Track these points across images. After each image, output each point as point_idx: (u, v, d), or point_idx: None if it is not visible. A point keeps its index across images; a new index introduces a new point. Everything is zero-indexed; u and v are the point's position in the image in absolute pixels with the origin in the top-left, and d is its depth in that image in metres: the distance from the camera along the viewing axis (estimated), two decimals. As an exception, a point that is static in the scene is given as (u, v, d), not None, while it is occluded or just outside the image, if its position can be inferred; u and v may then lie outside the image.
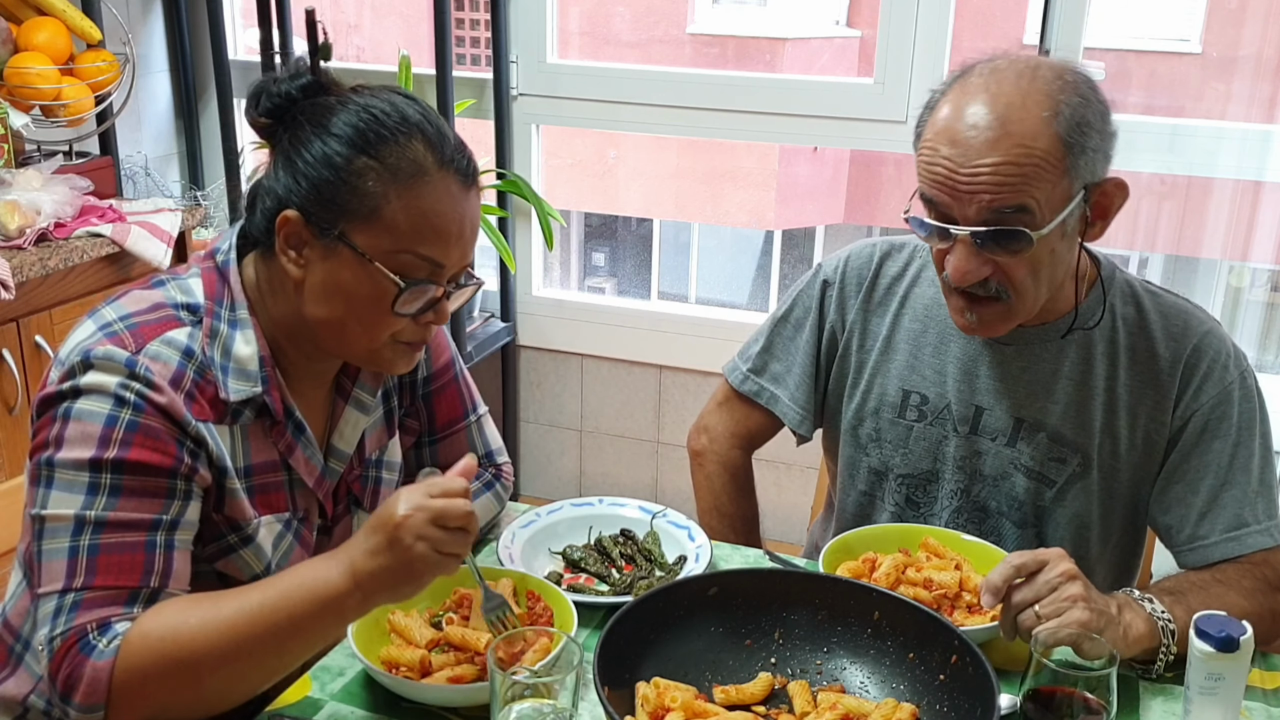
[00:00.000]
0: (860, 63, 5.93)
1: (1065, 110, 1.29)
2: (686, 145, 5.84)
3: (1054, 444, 1.48)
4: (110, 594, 1.10)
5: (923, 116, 1.38)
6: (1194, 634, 1.16)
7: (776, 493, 3.02)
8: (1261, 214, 2.82)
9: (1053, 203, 1.31)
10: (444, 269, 1.19)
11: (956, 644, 1.15)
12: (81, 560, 1.10)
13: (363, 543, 1.08)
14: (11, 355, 2.25)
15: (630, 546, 1.51)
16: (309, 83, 1.21)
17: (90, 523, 1.11)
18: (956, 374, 1.52)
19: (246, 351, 1.21)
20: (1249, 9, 2.94)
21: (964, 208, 1.31)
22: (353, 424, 1.35)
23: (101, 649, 1.07)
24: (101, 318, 1.19)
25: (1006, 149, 1.28)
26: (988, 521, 1.54)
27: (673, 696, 1.12)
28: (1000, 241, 1.31)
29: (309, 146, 1.17)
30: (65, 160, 2.70)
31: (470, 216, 1.21)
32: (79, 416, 1.12)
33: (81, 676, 1.07)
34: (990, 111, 1.29)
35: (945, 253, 1.36)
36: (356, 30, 5.01)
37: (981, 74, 1.34)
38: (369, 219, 1.16)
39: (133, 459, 1.12)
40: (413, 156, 1.16)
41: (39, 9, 2.62)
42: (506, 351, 3.19)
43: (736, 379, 1.70)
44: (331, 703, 1.20)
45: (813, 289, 1.64)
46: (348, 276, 1.18)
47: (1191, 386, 1.43)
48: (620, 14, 5.71)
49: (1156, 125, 2.66)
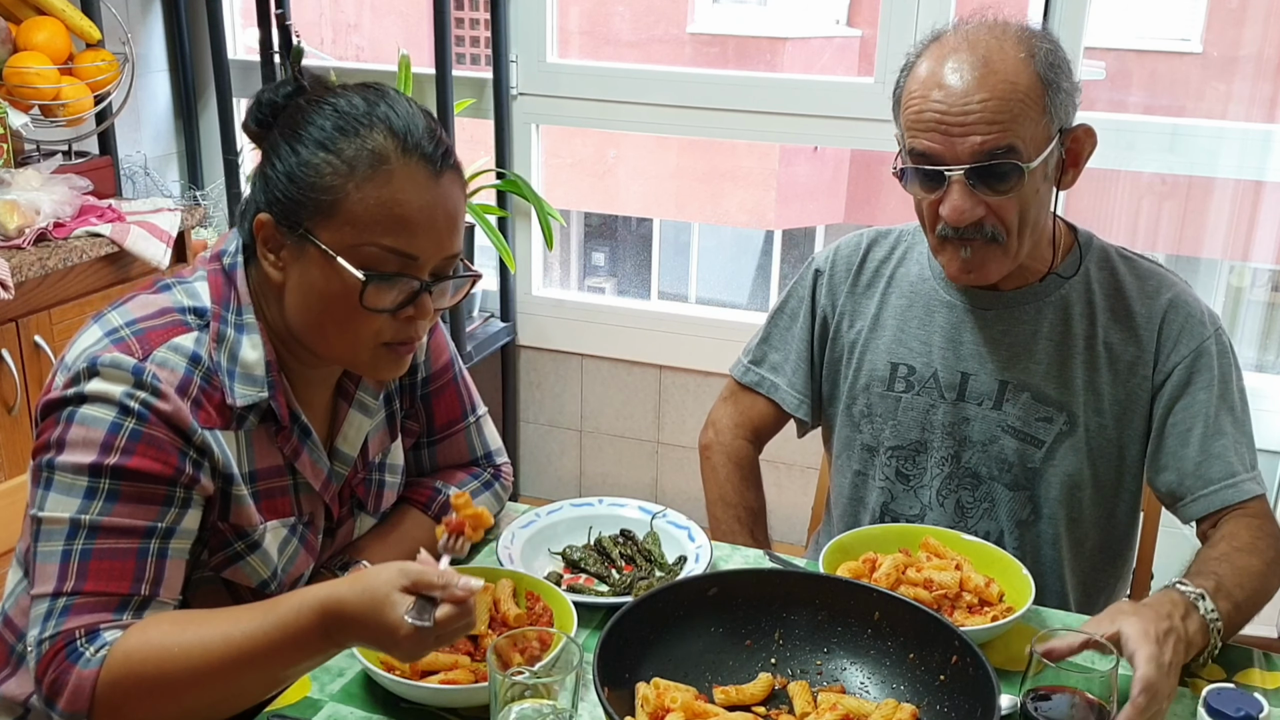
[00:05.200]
0: (861, 62, 5.92)
1: (1039, 52, 1.39)
2: (686, 145, 5.83)
3: (1038, 403, 1.53)
4: (100, 600, 1.10)
5: (900, 80, 1.46)
6: (1205, 712, 1.11)
7: (777, 493, 3.01)
8: (1262, 214, 2.82)
9: (1036, 141, 1.39)
10: (416, 260, 1.17)
11: (957, 644, 1.14)
12: (73, 564, 1.10)
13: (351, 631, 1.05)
14: (11, 355, 2.24)
15: (630, 547, 1.51)
16: (292, 89, 1.21)
17: (85, 527, 1.11)
18: (942, 343, 1.57)
19: (253, 356, 1.20)
20: (1250, 8, 2.93)
21: (956, 149, 1.38)
22: (356, 426, 1.35)
23: (88, 657, 1.08)
24: (108, 323, 1.18)
25: (993, 86, 1.36)
26: (980, 488, 1.57)
27: (673, 697, 1.11)
28: (994, 176, 1.38)
29: (278, 150, 1.17)
30: (64, 160, 2.70)
31: (442, 204, 1.18)
32: (83, 421, 1.12)
33: (66, 684, 1.07)
34: (972, 54, 1.38)
35: (938, 202, 1.42)
36: (356, 30, 5.00)
37: (954, 33, 1.43)
38: (330, 213, 1.15)
39: (133, 466, 1.12)
40: (372, 147, 1.15)
41: (38, 8, 2.62)
42: (506, 351, 3.19)
43: (739, 372, 1.77)
44: (331, 703, 1.20)
45: (805, 279, 1.71)
46: (316, 274, 1.17)
47: (1170, 340, 1.49)
48: (620, 13, 5.70)
49: (1157, 125, 2.65)
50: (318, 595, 1.06)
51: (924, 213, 1.47)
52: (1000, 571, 1.38)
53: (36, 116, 2.59)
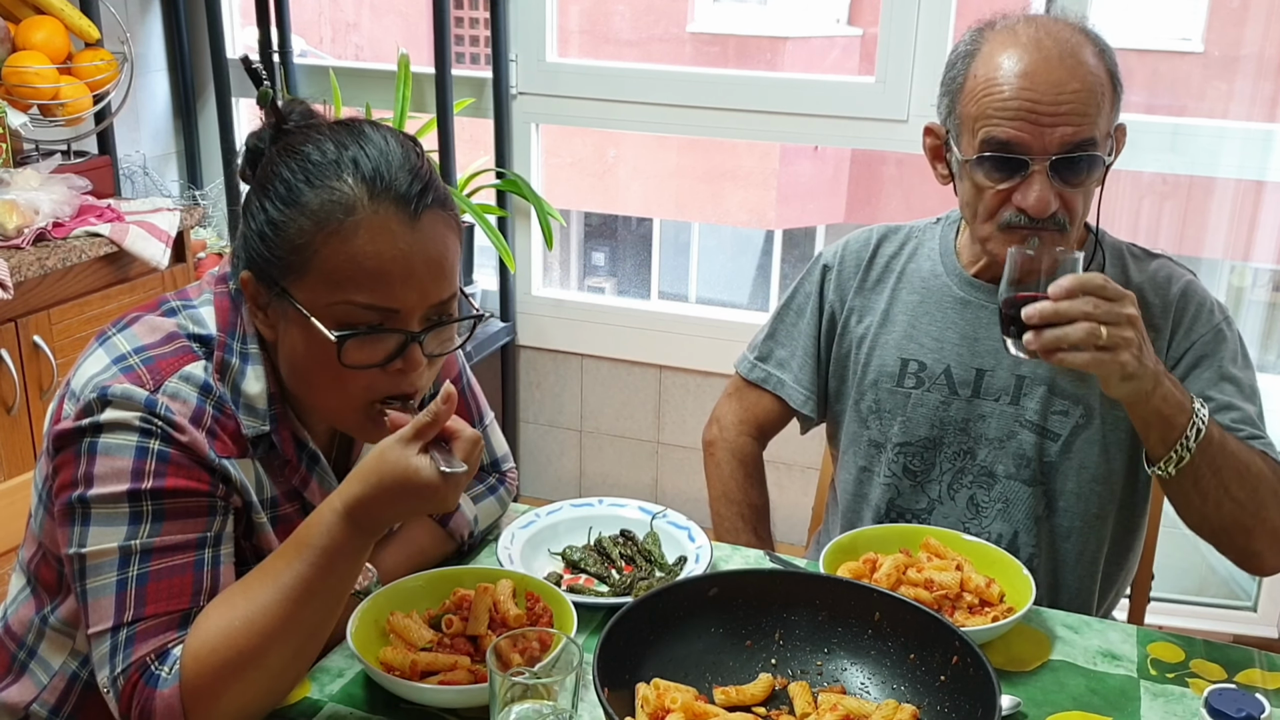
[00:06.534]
0: (861, 61, 5.92)
1: (1105, 49, 1.42)
2: (686, 145, 5.83)
3: (1054, 396, 1.53)
4: (163, 620, 1.09)
5: (957, 73, 1.45)
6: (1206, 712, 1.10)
7: (778, 492, 2.99)
8: (1263, 214, 2.81)
9: (1104, 136, 1.41)
10: (398, 313, 1.11)
11: (957, 645, 1.14)
12: (130, 592, 1.08)
13: (389, 513, 1.08)
14: (10, 355, 2.24)
15: (630, 547, 1.51)
16: (272, 134, 1.16)
17: (137, 552, 1.09)
18: (956, 339, 1.57)
19: (256, 389, 1.18)
20: (1251, 8, 2.93)
21: (1045, 139, 1.37)
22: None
23: (165, 677, 1.07)
24: (114, 348, 1.15)
25: (1082, 78, 1.37)
26: (996, 487, 1.57)
27: (673, 697, 1.11)
28: (1076, 167, 1.39)
29: (250, 206, 1.14)
30: (63, 160, 2.69)
31: (421, 250, 1.10)
32: (106, 451, 1.10)
33: (154, 710, 1.06)
34: (1056, 46, 1.38)
35: (1007, 191, 1.41)
36: (355, 29, 5.00)
37: (1013, 24, 1.43)
38: (301, 271, 1.10)
39: (170, 486, 1.10)
40: (338, 199, 1.09)
41: (37, 8, 2.62)
42: (506, 351, 3.19)
43: (744, 368, 1.76)
44: (331, 704, 1.20)
45: (813, 275, 1.70)
46: (298, 335, 1.13)
47: (1183, 325, 1.51)
48: (620, 12, 5.71)
49: (1158, 124, 2.65)
50: (336, 508, 1.07)
51: (984, 202, 1.44)
52: (1001, 572, 1.38)
53: (35, 116, 2.58)
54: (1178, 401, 1.33)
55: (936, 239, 1.63)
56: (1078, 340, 1.26)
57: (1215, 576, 2.83)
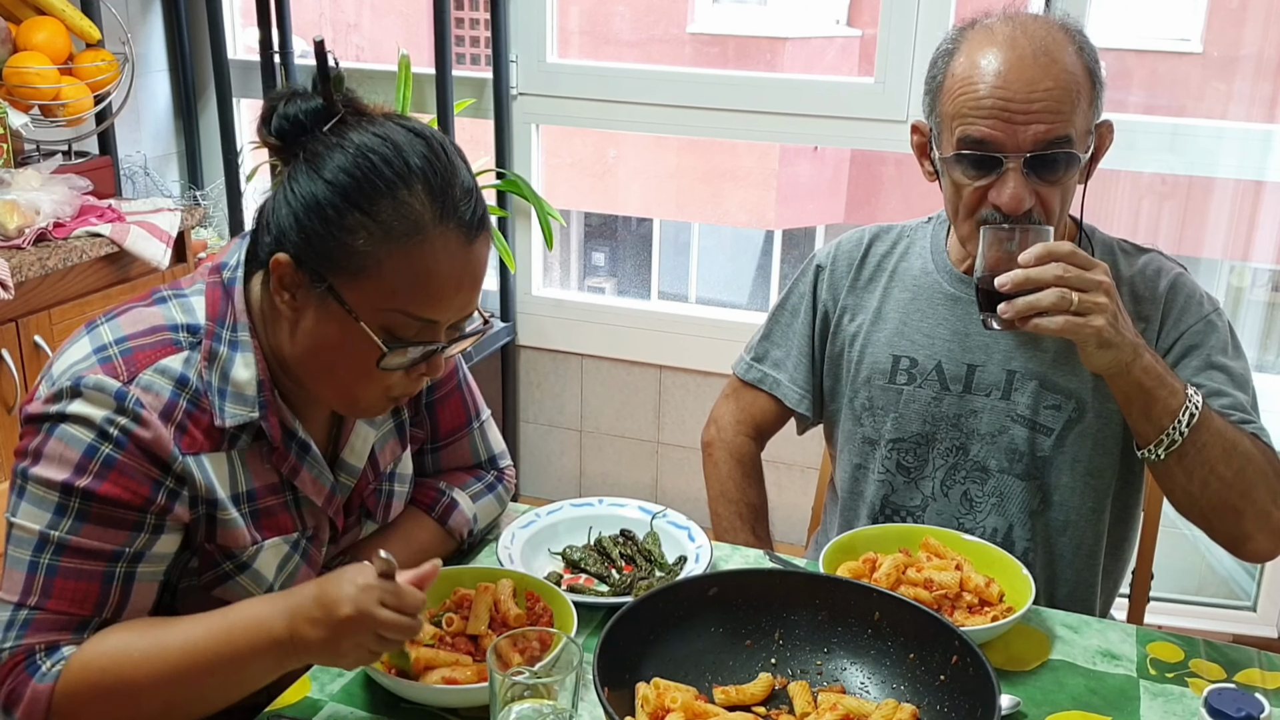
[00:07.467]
0: (861, 62, 5.92)
1: (1085, 46, 1.42)
2: (686, 145, 5.83)
3: (1046, 391, 1.54)
4: (61, 619, 1.11)
5: (938, 71, 1.46)
6: (1206, 712, 1.10)
7: (777, 492, 3.00)
8: (1262, 214, 2.82)
9: (1082, 133, 1.41)
10: (438, 325, 1.15)
11: (957, 644, 1.14)
12: (39, 578, 1.11)
13: (308, 608, 1.06)
14: (10, 355, 2.24)
15: (630, 547, 1.51)
16: (317, 109, 1.14)
17: (53, 542, 1.11)
18: (947, 335, 1.58)
19: (245, 376, 1.18)
20: (1250, 8, 2.93)
21: (1018, 136, 1.38)
22: (363, 438, 1.33)
23: (45, 671, 1.09)
24: (98, 337, 1.16)
25: (1056, 75, 1.37)
26: (989, 482, 1.57)
27: (673, 697, 1.11)
28: (1051, 165, 1.39)
29: (304, 189, 1.11)
30: (64, 160, 2.69)
31: (471, 270, 1.15)
32: (61, 437, 1.11)
33: (23, 696, 1.08)
34: (1031, 44, 1.39)
35: (983, 190, 1.42)
36: (356, 29, 5.00)
37: (992, 23, 1.44)
38: (358, 275, 1.11)
39: (102, 492, 1.11)
40: (408, 214, 1.09)
41: (38, 8, 2.62)
42: (506, 351, 3.19)
43: (741, 369, 1.77)
44: (331, 703, 1.20)
45: (806, 275, 1.71)
46: (335, 330, 1.14)
47: (1172, 316, 1.52)
48: (620, 13, 5.71)
49: (1157, 125, 2.65)
50: (281, 611, 1.08)
51: (963, 199, 1.45)
52: (1000, 571, 1.38)
53: (36, 116, 2.59)
54: (1158, 375, 1.35)
55: (927, 237, 1.64)
56: (1049, 305, 1.29)
57: (1215, 576, 2.83)
